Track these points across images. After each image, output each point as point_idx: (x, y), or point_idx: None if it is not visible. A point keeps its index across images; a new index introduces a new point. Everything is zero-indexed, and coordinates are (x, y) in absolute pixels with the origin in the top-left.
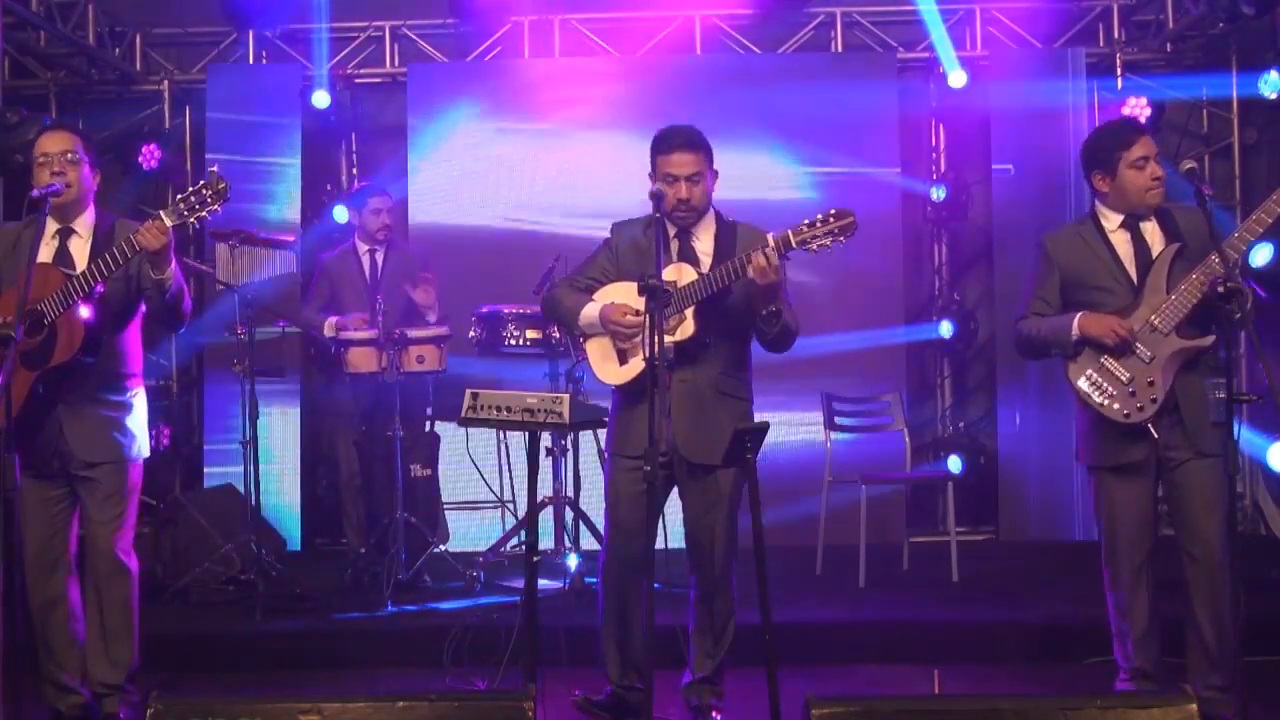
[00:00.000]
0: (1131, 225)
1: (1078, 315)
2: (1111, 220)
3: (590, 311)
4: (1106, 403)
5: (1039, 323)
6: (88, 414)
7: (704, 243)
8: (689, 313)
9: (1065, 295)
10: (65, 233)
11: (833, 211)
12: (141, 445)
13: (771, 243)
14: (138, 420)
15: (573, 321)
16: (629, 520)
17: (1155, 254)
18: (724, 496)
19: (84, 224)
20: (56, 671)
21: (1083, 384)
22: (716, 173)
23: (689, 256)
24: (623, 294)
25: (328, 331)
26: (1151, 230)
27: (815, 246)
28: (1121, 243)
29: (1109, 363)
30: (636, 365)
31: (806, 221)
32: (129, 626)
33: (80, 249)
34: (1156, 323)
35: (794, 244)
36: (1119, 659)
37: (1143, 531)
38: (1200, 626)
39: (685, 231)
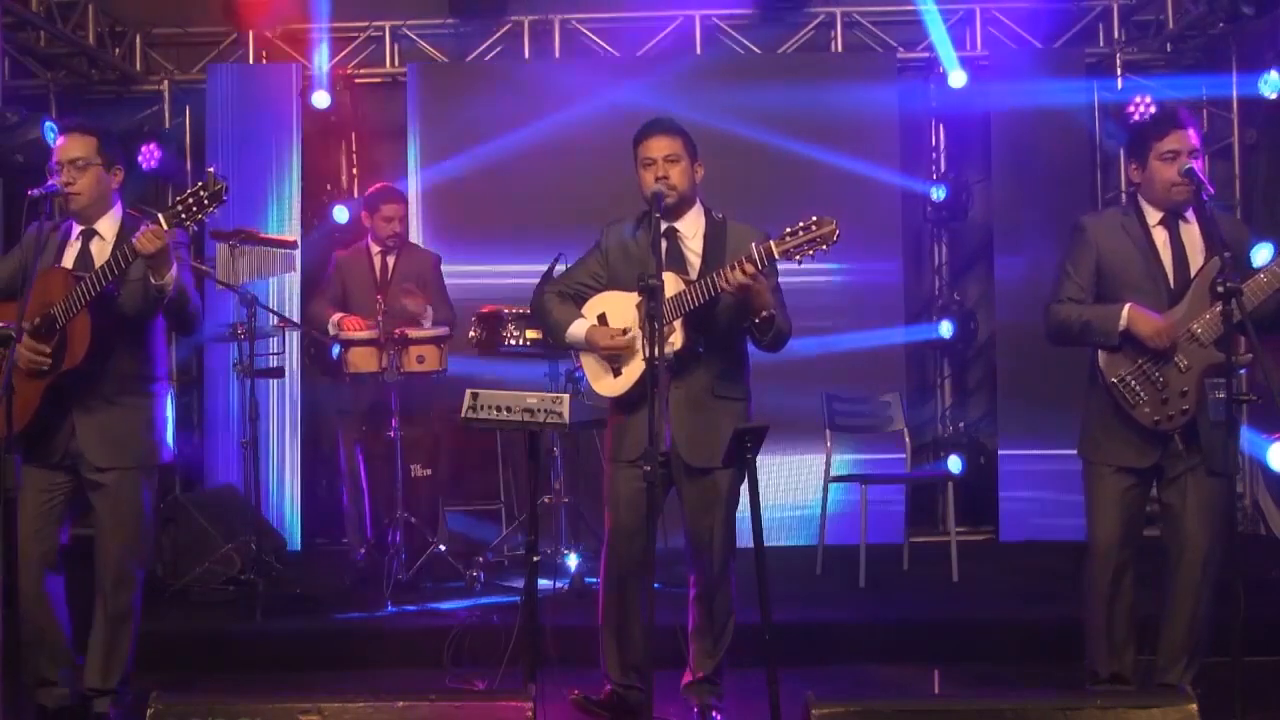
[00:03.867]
0: (1171, 224)
1: (1127, 307)
2: (1152, 215)
3: (577, 331)
4: (1136, 405)
5: (1079, 309)
6: (101, 416)
7: (693, 243)
8: (678, 324)
9: (1097, 285)
10: (88, 235)
11: (814, 219)
12: (156, 452)
13: (756, 252)
14: (155, 424)
15: (559, 336)
16: (628, 521)
17: (1192, 258)
18: (721, 497)
19: (107, 226)
20: (39, 663)
21: (1116, 381)
22: (701, 166)
23: (678, 258)
24: (613, 304)
25: (332, 329)
26: (1190, 234)
27: (799, 257)
28: (1161, 242)
29: (1147, 366)
30: (630, 377)
31: (789, 230)
32: (129, 633)
33: (101, 252)
34: (1198, 332)
35: (778, 255)
36: (1089, 664)
37: (1132, 531)
38: (1175, 624)
39: (673, 231)
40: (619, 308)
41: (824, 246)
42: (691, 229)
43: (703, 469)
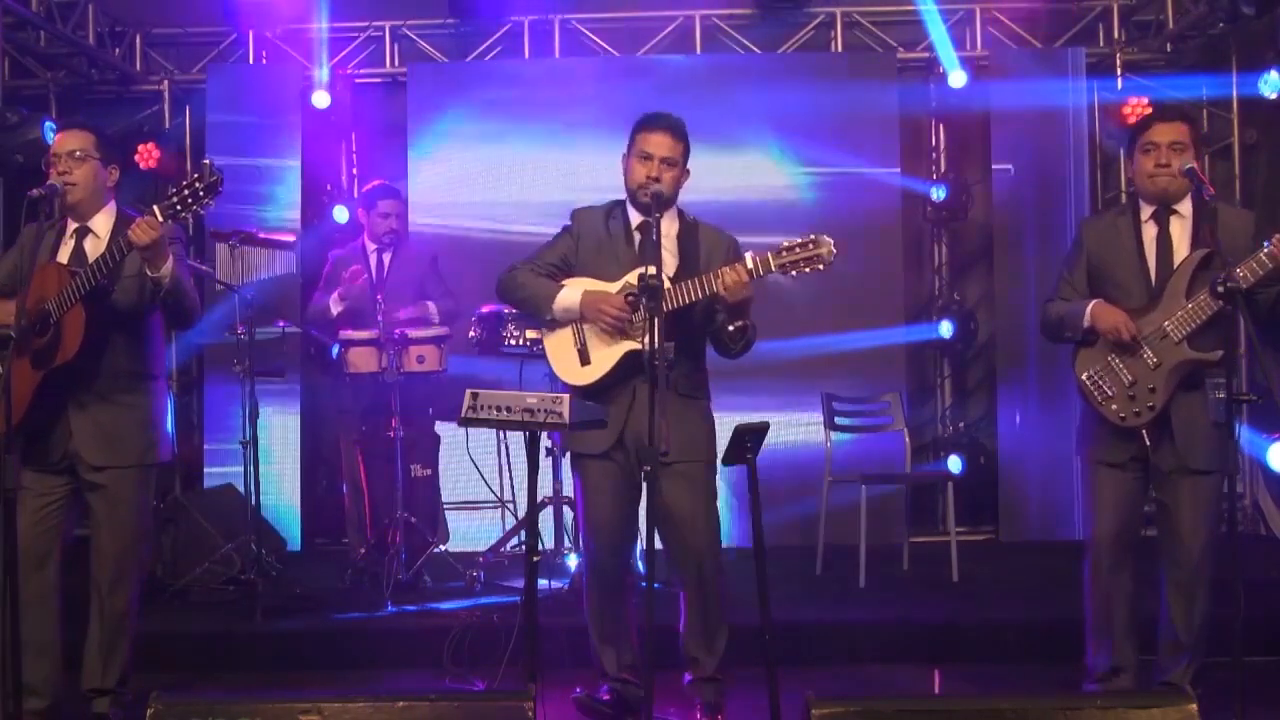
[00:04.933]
0: (1161, 219)
1: (1092, 303)
2: (1145, 210)
3: (568, 298)
4: (1104, 401)
5: (1059, 306)
6: (97, 414)
7: (668, 241)
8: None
9: (1089, 283)
10: (82, 232)
11: (812, 238)
12: (154, 450)
13: (750, 263)
14: (152, 422)
15: (544, 306)
16: (609, 519)
17: (1178, 255)
18: (696, 486)
19: (101, 223)
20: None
21: (1085, 379)
22: (688, 172)
23: (651, 255)
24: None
25: (334, 306)
26: (1180, 229)
27: (794, 273)
28: (1149, 238)
29: (1115, 362)
30: (600, 367)
31: (785, 245)
32: (126, 632)
33: (95, 248)
34: (1169, 329)
35: (773, 268)
36: (1089, 661)
37: (1127, 526)
38: (1174, 624)
39: (648, 226)
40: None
41: (820, 267)
42: (667, 228)
43: (674, 462)
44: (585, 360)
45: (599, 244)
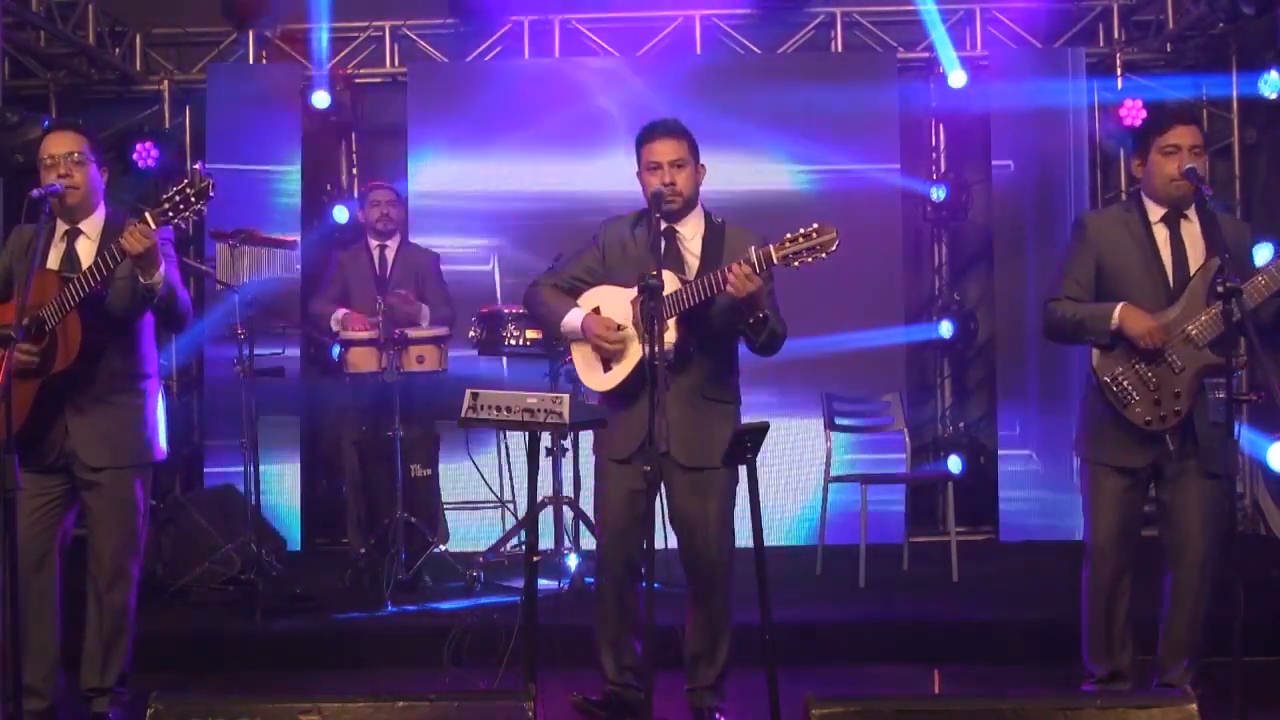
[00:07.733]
0: (1172, 221)
1: (1119, 306)
2: (1154, 212)
3: (572, 320)
4: (1129, 405)
5: (1074, 307)
6: (94, 416)
7: (692, 244)
8: (672, 322)
9: (1097, 282)
10: (73, 234)
11: (815, 226)
12: (150, 449)
13: (754, 257)
14: (147, 423)
15: (554, 326)
16: (617, 521)
17: (1192, 259)
18: (714, 493)
19: (92, 225)
20: (26, 669)
21: (1108, 380)
22: (703, 168)
23: (676, 259)
24: (609, 298)
25: (335, 326)
26: (1192, 233)
27: (797, 264)
28: (1162, 239)
29: (1139, 366)
30: (620, 372)
31: (789, 236)
32: (125, 630)
33: (87, 251)
34: (1193, 334)
35: (776, 260)
36: (1087, 663)
37: (1128, 530)
38: (1175, 624)
39: (673, 232)
40: (614, 301)
41: (823, 255)
42: (691, 231)
43: (694, 468)
44: (607, 367)
45: (624, 252)
